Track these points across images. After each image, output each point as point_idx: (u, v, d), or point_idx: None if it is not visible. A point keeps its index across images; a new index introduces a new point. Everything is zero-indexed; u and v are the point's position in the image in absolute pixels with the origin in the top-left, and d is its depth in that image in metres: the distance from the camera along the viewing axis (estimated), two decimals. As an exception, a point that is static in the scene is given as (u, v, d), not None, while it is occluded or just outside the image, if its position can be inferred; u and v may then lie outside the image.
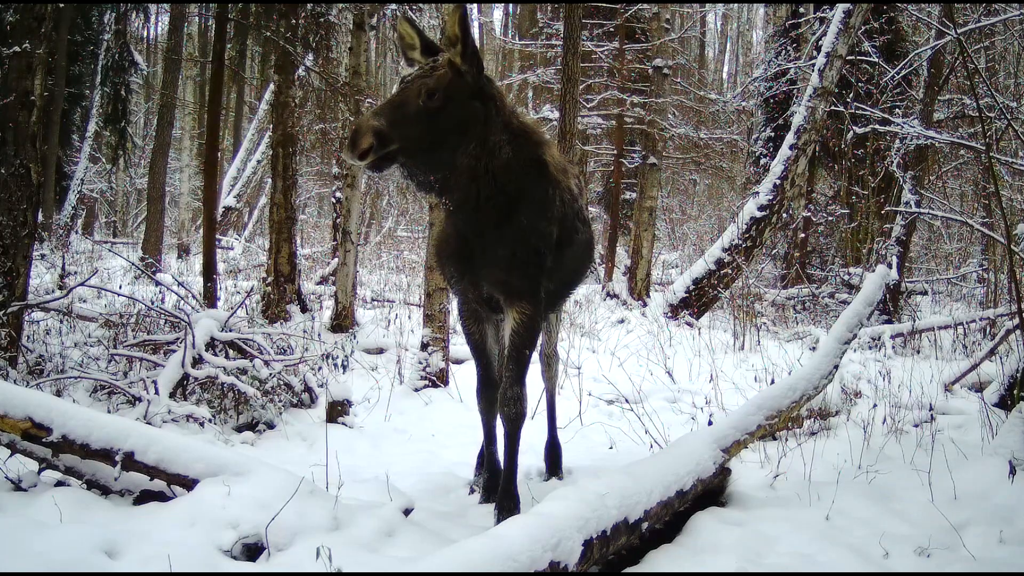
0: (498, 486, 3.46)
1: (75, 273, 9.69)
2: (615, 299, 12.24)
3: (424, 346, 6.33)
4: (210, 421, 4.53)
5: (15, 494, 2.95)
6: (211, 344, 5.10)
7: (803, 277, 11.76)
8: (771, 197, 10.21)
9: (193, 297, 6.11)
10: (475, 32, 27.65)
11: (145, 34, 24.56)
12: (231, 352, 5.22)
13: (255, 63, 20.20)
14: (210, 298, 6.95)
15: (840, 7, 9.99)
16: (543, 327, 4.06)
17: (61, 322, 6.12)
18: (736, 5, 28.08)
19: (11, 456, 3.04)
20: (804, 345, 7.98)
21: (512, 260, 3.19)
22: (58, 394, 4.67)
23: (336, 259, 9.27)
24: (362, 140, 2.82)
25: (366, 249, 16.63)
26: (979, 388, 5.50)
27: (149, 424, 4.09)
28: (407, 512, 3.08)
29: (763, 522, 3.22)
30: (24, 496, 2.93)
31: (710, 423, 4.26)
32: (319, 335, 7.47)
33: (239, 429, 4.81)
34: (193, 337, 4.87)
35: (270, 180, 10.28)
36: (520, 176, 3.17)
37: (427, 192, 3.18)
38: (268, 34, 8.55)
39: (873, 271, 4.38)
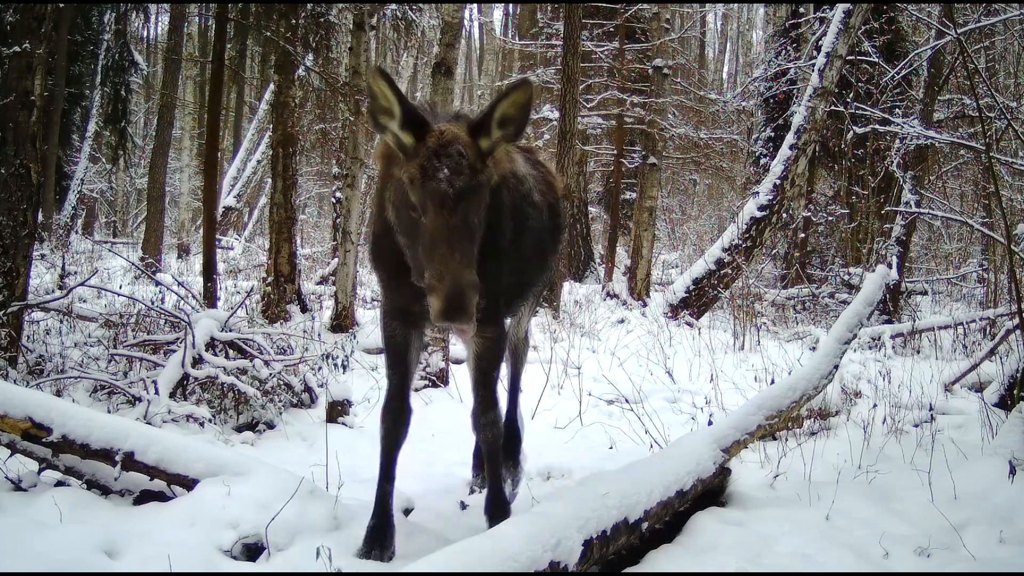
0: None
1: (75, 273, 9.68)
2: (615, 299, 12.23)
3: (424, 346, 6.32)
4: (210, 421, 4.53)
5: (15, 494, 2.96)
6: (211, 344, 5.10)
7: (803, 277, 11.77)
8: (771, 197, 10.21)
9: (193, 297, 6.11)
10: (475, 32, 27.67)
11: (145, 34, 24.60)
12: (231, 352, 5.22)
13: (255, 63, 20.21)
14: (210, 298, 6.95)
15: (840, 7, 9.99)
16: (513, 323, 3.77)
17: (61, 322, 6.11)
18: (736, 5, 28.08)
19: (11, 456, 3.04)
20: (804, 345, 7.98)
21: None
22: (58, 394, 4.67)
23: (336, 259, 9.27)
24: (471, 305, 2.35)
25: (366, 249, 16.59)
26: (979, 388, 5.50)
27: (149, 424, 4.08)
28: (407, 512, 3.09)
29: (763, 522, 3.23)
30: (24, 496, 2.93)
31: (710, 423, 4.26)
32: (319, 335, 7.46)
33: (239, 429, 4.81)
34: (193, 337, 4.87)
35: (270, 180, 10.28)
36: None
37: None
38: (268, 34, 8.55)
39: (873, 271, 4.38)
